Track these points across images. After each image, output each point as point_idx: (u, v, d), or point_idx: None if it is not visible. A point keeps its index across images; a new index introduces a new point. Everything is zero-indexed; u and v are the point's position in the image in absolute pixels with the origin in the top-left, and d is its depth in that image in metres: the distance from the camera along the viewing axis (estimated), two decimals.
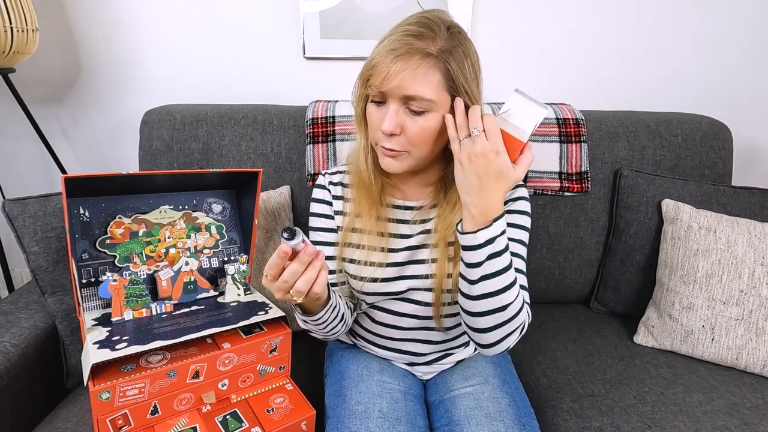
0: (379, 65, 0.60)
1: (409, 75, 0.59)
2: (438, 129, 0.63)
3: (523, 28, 1.31)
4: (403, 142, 0.64)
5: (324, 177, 0.81)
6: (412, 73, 0.59)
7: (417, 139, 0.63)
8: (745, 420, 0.80)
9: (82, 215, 0.73)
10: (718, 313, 0.93)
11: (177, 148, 1.08)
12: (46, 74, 1.31)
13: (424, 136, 0.63)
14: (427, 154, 0.67)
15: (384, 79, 0.60)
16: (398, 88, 0.60)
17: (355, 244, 0.74)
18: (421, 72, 0.59)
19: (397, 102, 0.62)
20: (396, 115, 0.62)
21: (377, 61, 0.61)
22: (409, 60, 0.59)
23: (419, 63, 0.59)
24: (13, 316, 0.85)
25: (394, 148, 0.64)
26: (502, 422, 0.68)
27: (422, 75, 0.60)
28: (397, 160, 0.66)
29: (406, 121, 0.63)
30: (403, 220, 0.75)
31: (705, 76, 1.37)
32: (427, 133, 0.63)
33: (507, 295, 0.60)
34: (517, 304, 0.62)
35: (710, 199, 1.06)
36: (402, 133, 0.63)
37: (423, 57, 0.59)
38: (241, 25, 1.28)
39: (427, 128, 0.63)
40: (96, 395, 0.57)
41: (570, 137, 1.12)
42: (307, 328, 0.71)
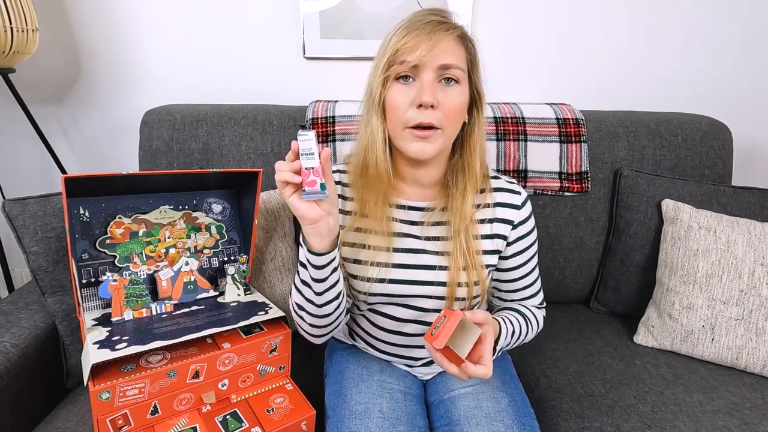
0: (413, 40, 0.63)
1: (445, 45, 0.64)
2: (465, 104, 0.68)
3: (523, 27, 1.31)
4: (439, 116, 0.64)
5: None
6: (447, 43, 0.64)
7: (451, 112, 0.66)
8: (745, 420, 0.80)
9: (82, 215, 0.73)
10: (718, 313, 0.93)
11: (177, 148, 1.08)
12: (46, 74, 1.31)
13: (457, 110, 0.66)
14: (453, 134, 0.69)
15: (422, 50, 0.63)
16: (437, 57, 0.63)
17: (360, 243, 0.74)
18: (453, 42, 0.65)
19: (433, 73, 0.64)
20: (432, 86, 0.64)
21: (409, 39, 0.63)
22: (443, 33, 0.64)
23: (451, 36, 0.65)
24: (13, 316, 0.85)
25: (432, 122, 0.64)
26: (502, 422, 0.68)
27: (455, 46, 0.65)
28: (429, 142, 0.66)
29: (440, 94, 0.65)
30: (408, 221, 0.75)
31: (705, 76, 1.37)
32: (459, 106, 0.66)
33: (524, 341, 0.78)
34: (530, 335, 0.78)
35: (710, 199, 1.06)
36: (439, 106, 0.64)
37: (452, 32, 0.65)
38: (242, 25, 1.28)
39: (460, 101, 0.66)
40: (96, 395, 0.57)
41: (570, 137, 1.12)
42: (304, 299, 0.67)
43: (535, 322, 0.79)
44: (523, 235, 0.76)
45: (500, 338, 0.68)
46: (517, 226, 0.75)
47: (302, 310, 0.70)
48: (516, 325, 0.73)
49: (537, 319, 0.80)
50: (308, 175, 0.57)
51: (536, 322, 0.79)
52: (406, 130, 0.66)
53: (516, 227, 0.75)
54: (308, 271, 0.65)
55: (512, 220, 0.75)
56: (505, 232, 0.75)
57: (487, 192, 0.75)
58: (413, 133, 0.65)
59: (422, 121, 0.64)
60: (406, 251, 0.73)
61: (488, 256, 0.75)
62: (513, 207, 0.75)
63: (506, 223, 0.75)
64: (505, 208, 0.75)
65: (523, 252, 0.77)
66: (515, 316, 0.75)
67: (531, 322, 0.77)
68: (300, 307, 0.70)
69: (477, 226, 0.74)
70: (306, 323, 0.71)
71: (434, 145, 0.66)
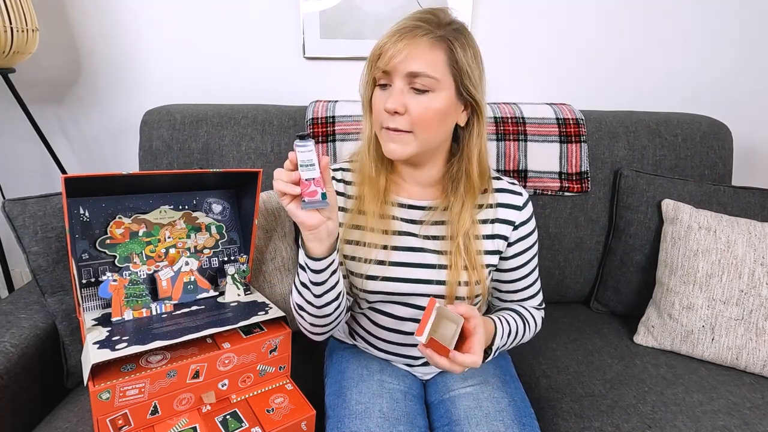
0: (385, 45, 0.63)
1: (413, 51, 0.62)
2: (442, 111, 0.65)
3: (523, 27, 1.31)
4: (408, 121, 0.65)
5: None
6: (415, 49, 0.62)
7: (421, 118, 0.65)
8: (745, 420, 0.80)
9: (82, 215, 0.73)
10: (718, 313, 0.93)
11: (177, 148, 1.08)
12: (46, 74, 1.31)
13: (428, 117, 0.65)
14: (431, 139, 0.68)
15: (389, 57, 0.62)
16: (402, 64, 0.62)
17: (357, 240, 0.74)
18: (425, 49, 0.63)
19: (402, 80, 0.64)
20: (400, 94, 0.64)
21: (383, 42, 0.64)
22: (413, 38, 0.62)
23: (422, 41, 0.63)
24: (13, 316, 0.85)
25: (399, 127, 0.65)
26: (502, 422, 0.68)
27: (426, 52, 0.63)
28: (400, 145, 0.67)
29: (411, 100, 0.64)
30: (408, 219, 0.76)
31: (705, 76, 1.37)
32: (431, 113, 0.65)
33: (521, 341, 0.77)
34: (528, 336, 0.77)
35: (710, 199, 1.06)
36: (407, 113, 0.65)
37: (426, 35, 0.63)
38: (242, 25, 1.28)
39: (432, 108, 0.64)
40: (96, 395, 0.57)
41: (570, 137, 1.12)
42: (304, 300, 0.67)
43: (533, 323, 0.79)
44: (524, 236, 0.76)
45: (496, 338, 0.69)
46: (519, 227, 0.76)
47: (302, 310, 0.70)
48: (513, 325, 0.73)
49: (535, 319, 0.80)
50: (308, 186, 0.56)
51: (534, 322, 0.79)
52: (383, 129, 0.68)
53: (517, 228, 0.76)
54: (307, 274, 0.65)
55: (513, 220, 0.75)
56: (506, 233, 0.75)
57: (489, 192, 0.76)
58: (388, 134, 0.67)
59: (389, 125, 0.66)
60: (406, 249, 0.74)
61: (489, 256, 0.75)
62: (514, 208, 0.75)
63: (507, 223, 0.75)
64: (507, 208, 0.75)
65: (524, 253, 0.77)
66: (512, 316, 0.75)
67: (528, 322, 0.77)
68: (300, 307, 0.70)
69: (478, 227, 0.74)
70: (307, 323, 0.72)
71: (406, 147, 0.67)
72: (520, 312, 0.78)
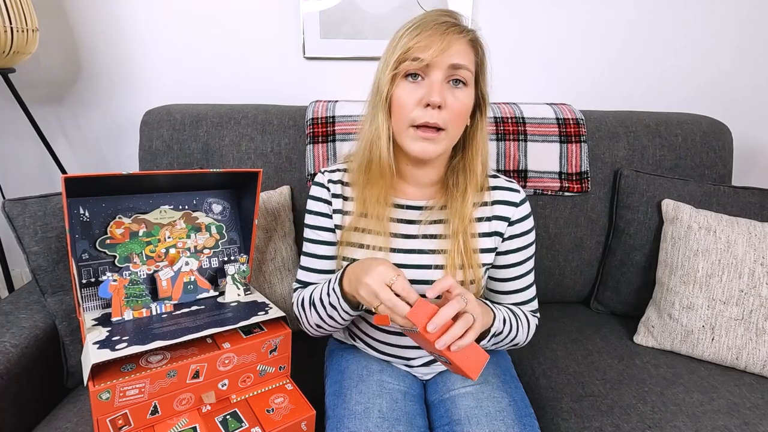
0: (426, 39, 0.63)
1: (457, 46, 0.64)
2: (469, 106, 0.68)
3: (523, 28, 1.31)
4: (445, 116, 0.65)
5: (323, 175, 0.80)
6: (460, 45, 0.65)
7: (456, 113, 0.66)
8: (745, 420, 0.80)
9: (82, 215, 0.73)
10: (718, 313, 0.93)
11: (177, 148, 1.08)
12: (46, 74, 1.31)
13: (462, 112, 0.67)
14: (457, 135, 0.70)
15: (435, 51, 0.63)
16: (449, 57, 0.64)
17: (357, 243, 0.75)
18: (465, 44, 0.66)
19: (443, 73, 0.65)
20: (441, 87, 0.64)
21: (422, 38, 0.63)
22: (456, 35, 0.64)
23: (463, 39, 0.66)
24: (13, 316, 0.85)
25: (438, 122, 0.65)
26: (503, 421, 0.68)
27: (466, 47, 0.66)
28: (432, 143, 0.66)
29: (447, 95, 0.65)
30: (406, 220, 0.76)
31: (705, 76, 1.37)
32: (465, 109, 0.67)
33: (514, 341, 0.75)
34: (521, 336, 0.75)
35: (710, 199, 1.06)
36: (445, 107, 0.65)
37: (464, 34, 0.66)
38: (241, 25, 1.28)
39: (465, 103, 0.67)
40: (96, 395, 0.57)
41: (570, 137, 1.12)
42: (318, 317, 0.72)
43: (526, 324, 0.77)
44: (518, 233, 0.76)
45: (496, 321, 0.68)
46: (514, 224, 0.76)
47: (309, 315, 0.73)
48: (507, 316, 0.72)
49: (528, 321, 0.78)
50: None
51: (527, 324, 0.77)
52: (411, 128, 0.66)
53: (512, 224, 0.76)
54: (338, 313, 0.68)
55: (509, 216, 0.75)
56: (502, 229, 0.75)
57: (485, 190, 0.76)
58: (418, 133, 0.66)
59: (428, 121, 0.64)
60: (403, 251, 0.74)
61: (485, 254, 0.75)
62: (510, 204, 0.76)
63: (503, 219, 0.75)
64: (503, 205, 0.76)
65: (518, 251, 0.77)
66: (504, 309, 0.75)
67: (521, 320, 0.75)
68: (307, 312, 0.73)
69: (475, 225, 0.74)
70: (309, 325, 0.75)
71: (438, 146, 0.67)
72: (512, 309, 0.77)
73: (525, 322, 0.77)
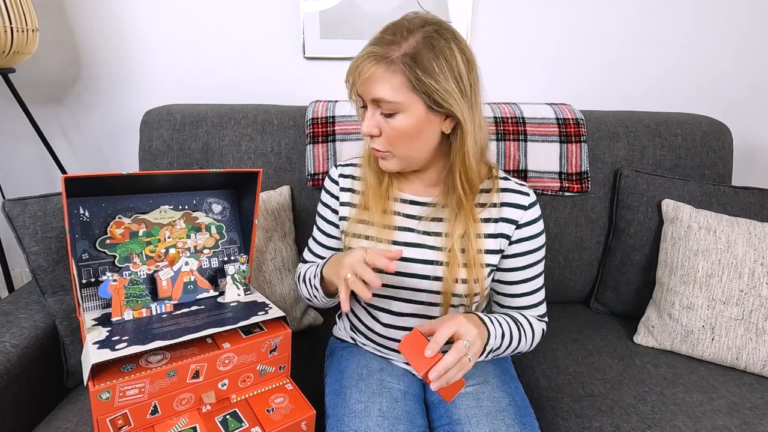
0: (351, 70, 0.66)
1: (370, 78, 0.64)
2: (413, 129, 0.66)
3: (523, 28, 1.31)
4: (383, 142, 0.69)
5: (336, 169, 0.84)
6: (372, 76, 0.64)
7: (392, 139, 0.68)
8: (745, 420, 0.80)
9: (82, 215, 0.73)
10: (718, 313, 0.93)
11: (177, 148, 1.08)
12: (46, 74, 1.31)
13: (398, 136, 0.67)
14: (411, 154, 0.70)
15: (353, 83, 0.66)
16: (367, 90, 0.66)
17: (362, 235, 0.76)
18: (381, 75, 0.63)
19: (372, 105, 0.67)
20: (372, 117, 0.68)
21: (351, 66, 0.66)
22: (371, 66, 0.63)
23: (378, 68, 0.63)
24: (13, 316, 0.85)
25: (377, 148, 0.70)
26: (503, 421, 0.68)
27: (382, 78, 0.63)
28: (386, 161, 0.72)
29: (382, 123, 0.67)
30: (408, 215, 0.77)
31: (705, 76, 1.37)
32: (399, 133, 0.67)
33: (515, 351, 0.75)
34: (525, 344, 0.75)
35: (710, 199, 1.06)
36: (381, 134, 0.68)
37: (381, 62, 0.63)
38: (241, 25, 1.28)
39: (398, 128, 0.66)
40: (96, 395, 0.57)
41: (570, 137, 1.12)
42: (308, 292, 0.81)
43: (530, 332, 0.75)
44: (527, 237, 0.75)
45: (490, 337, 0.67)
46: (522, 227, 0.75)
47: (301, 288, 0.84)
48: (506, 328, 0.71)
49: (533, 328, 0.76)
50: None
51: (531, 331, 0.76)
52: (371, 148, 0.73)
53: (520, 227, 0.75)
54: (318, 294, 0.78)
55: (517, 220, 0.74)
56: (509, 232, 0.75)
57: (494, 191, 0.75)
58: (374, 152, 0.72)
59: (371, 145, 0.71)
60: (405, 245, 0.75)
61: (490, 255, 0.75)
62: (519, 207, 0.75)
63: (511, 222, 0.75)
64: (512, 208, 0.75)
65: (526, 255, 0.76)
66: (505, 319, 0.73)
67: (524, 328, 0.74)
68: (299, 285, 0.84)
69: (481, 225, 0.74)
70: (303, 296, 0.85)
71: (392, 164, 0.72)
72: (515, 318, 0.75)
73: (529, 330, 0.75)
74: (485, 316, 0.70)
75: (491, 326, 0.68)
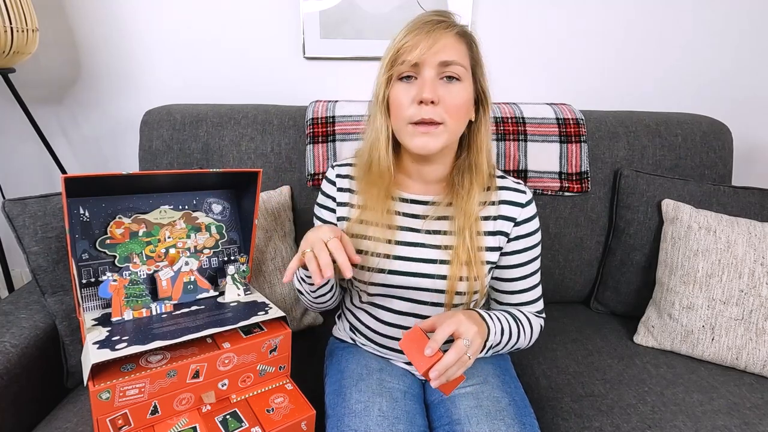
0: (413, 39, 0.65)
1: (444, 42, 0.65)
2: (468, 101, 0.69)
3: (523, 28, 1.31)
4: (440, 111, 0.66)
5: (333, 169, 0.83)
6: (447, 40, 0.65)
7: (453, 108, 0.67)
8: (745, 420, 0.80)
9: (82, 215, 0.73)
10: (718, 313, 0.93)
11: (177, 148, 1.08)
12: (46, 74, 1.31)
13: (459, 105, 0.67)
14: (458, 130, 0.70)
15: (421, 49, 0.64)
16: (435, 54, 0.65)
17: (362, 235, 0.76)
18: (453, 40, 0.66)
19: (434, 70, 0.66)
20: (433, 84, 0.66)
21: (409, 38, 0.65)
22: (442, 31, 0.65)
23: (450, 33, 0.66)
24: (13, 316, 0.85)
25: (433, 118, 0.66)
26: (503, 421, 0.68)
27: (455, 43, 0.66)
28: (432, 137, 0.67)
29: (442, 90, 0.66)
30: (409, 214, 0.77)
31: (705, 76, 1.37)
32: (461, 102, 0.67)
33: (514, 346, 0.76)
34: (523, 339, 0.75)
35: (710, 199, 1.06)
36: (440, 102, 0.66)
37: (451, 29, 0.67)
38: (241, 25, 1.28)
39: (462, 96, 0.67)
40: (96, 395, 0.57)
41: (570, 137, 1.12)
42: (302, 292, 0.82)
43: (529, 328, 0.77)
44: (524, 234, 0.76)
45: (490, 333, 0.68)
46: (520, 224, 0.76)
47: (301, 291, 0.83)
48: (506, 324, 0.72)
49: (531, 324, 0.77)
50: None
51: (530, 327, 0.77)
52: (409, 125, 0.67)
53: (518, 225, 0.76)
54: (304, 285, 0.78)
55: (514, 217, 0.75)
56: (507, 229, 0.76)
57: (492, 190, 0.76)
58: (416, 129, 0.67)
59: (423, 117, 0.66)
60: (407, 244, 0.75)
61: (489, 253, 0.75)
62: (517, 205, 0.76)
63: (508, 220, 0.75)
64: (509, 205, 0.76)
65: (523, 252, 0.77)
66: (504, 315, 0.74)
67: (522, 324, 0.75)
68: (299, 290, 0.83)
69: (481, 223, 0.75)
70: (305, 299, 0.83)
71: (437, 140, 0.67)
72: (513, 314, 0.76)
73: (528, 326, 0.77)
74: (485, 312, 0.71)
75: (491, 323, 0.69)
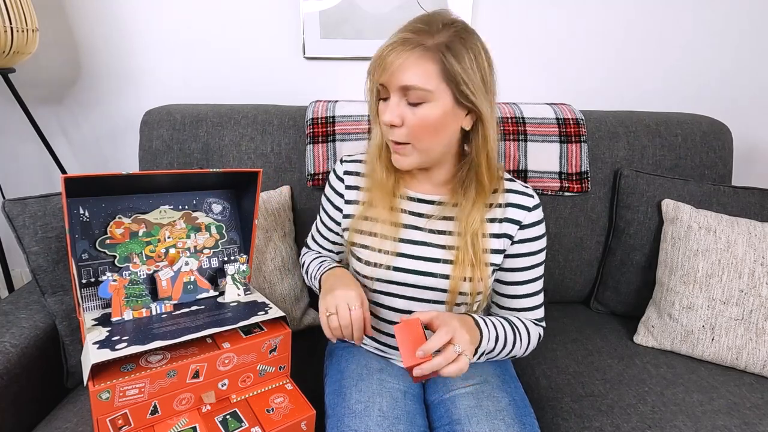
0: (378, 59, 0.65)
1: (404, 64, 0.63)
2: (438, 121, 0.66)
3: (523, 28, 1.31)
4: (405, 133, 0.67)
5: (341, 165, 0.84)
6: (406, 62, 0.63)
7: (417, 129, 0.66)
8: (745, 420, 0.80)
9: (82, 215, 0.73)
10: (718, 313, 0.93)
11: (177, 148, 1.08)
12: (46, 74, 1.31)
13: (424, 127, 0.66)
14: (432, 147, 0.69)
15: (382, 71, 0.64)
16: (394, 78, 0.64)
17: (368, 231, 0.77)
18: (414, 62, 0.63)
19: (397, 94, 0.65)
20: (396, 107, 0.66)
21: (377, 56, 0.65)
22: (403, 52, 0.63)
23: (413, 53, 0.62)
24: (13, 316, 0.85)
25: (398, 139, 0.68)
26: (503, 421, 0.68)
27: (415, 65, 0.63)
28: (403, 156, 0.70)
29: (406, 112, 0.66)
30: (415, 213, 0.77)
31: (705, 76, 1.37)
32: (426, 124, 0.66)
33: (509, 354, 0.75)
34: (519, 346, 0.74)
35: (710, 199, 1.06)
36: (404, 124, 0.66)
37: (416, 48, 0.63)
38: (241, 25, 1.28)
39: (426, 118, 0.65)
40: (96, 395, 0.57)
41: (570, 137, 1.12)
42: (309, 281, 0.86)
43: (526, 336, 0.75)
44: (529, 238, 0.76)
45: (483, 339, 0.67)
46: (525, 228, 0.75)
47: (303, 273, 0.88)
48: (501, 331, 0.71)
49: (529, 332, 0.76)
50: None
51: (527, 334, 0.76)
52: (390, 141, 0.70)
53: (523, 228, 0.75)
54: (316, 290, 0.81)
55: (520, 220, 0.75)
56: (512, 232, 0.75)
57: (500, 192, 0.76)
58: (392, 146, 0.71)
59: (391, 138, 0.69)
60: (411, 242, 0.75)
61: (494, 255, 0.75)
62: (523, 208, 0.75)
63: (514, 223, 0.75)
64: (516, 208, 0.75)
65: (527, 256, 0.77)
66: (501, 322, 0.74)
67: (519, 332, 0.75)
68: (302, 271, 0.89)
69: (486, 225, 0.75)
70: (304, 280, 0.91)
71: (408, 159, 0.70)
72: (510, 320, 0.76)
73: (525, 334, 0.75)
74: (480, 318, 0.71)
75: (485, 329, 0.69)
